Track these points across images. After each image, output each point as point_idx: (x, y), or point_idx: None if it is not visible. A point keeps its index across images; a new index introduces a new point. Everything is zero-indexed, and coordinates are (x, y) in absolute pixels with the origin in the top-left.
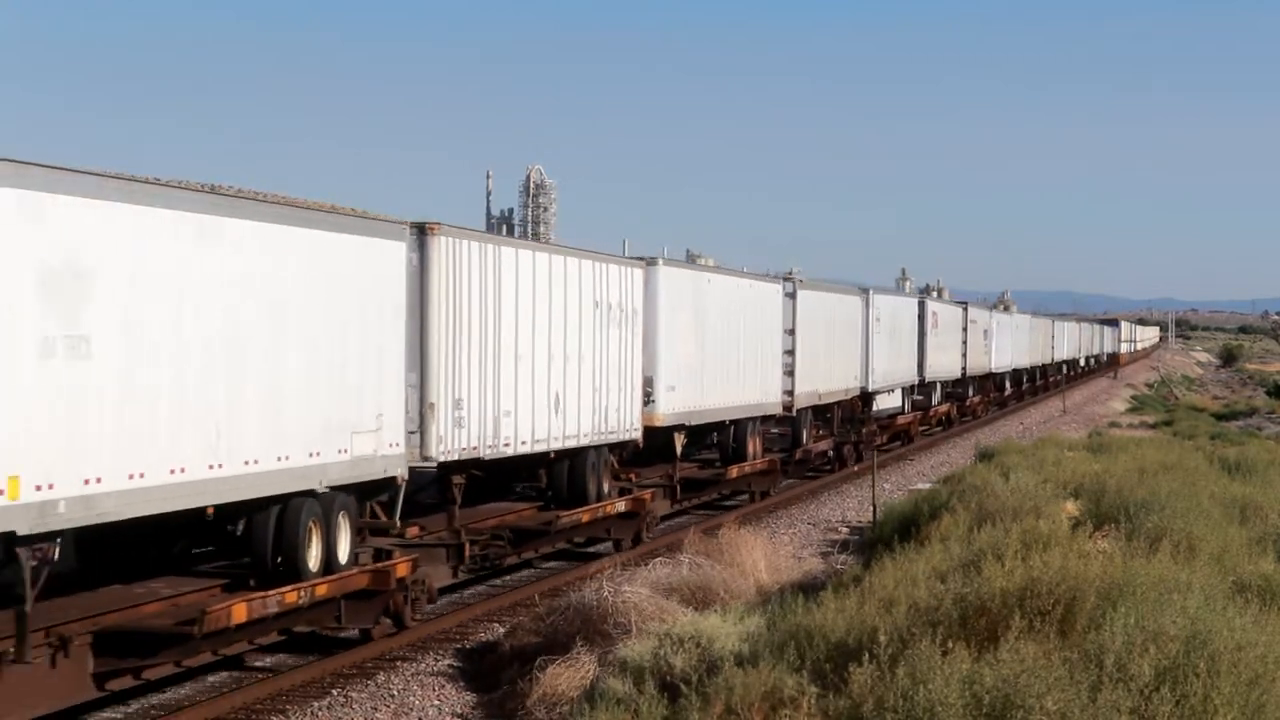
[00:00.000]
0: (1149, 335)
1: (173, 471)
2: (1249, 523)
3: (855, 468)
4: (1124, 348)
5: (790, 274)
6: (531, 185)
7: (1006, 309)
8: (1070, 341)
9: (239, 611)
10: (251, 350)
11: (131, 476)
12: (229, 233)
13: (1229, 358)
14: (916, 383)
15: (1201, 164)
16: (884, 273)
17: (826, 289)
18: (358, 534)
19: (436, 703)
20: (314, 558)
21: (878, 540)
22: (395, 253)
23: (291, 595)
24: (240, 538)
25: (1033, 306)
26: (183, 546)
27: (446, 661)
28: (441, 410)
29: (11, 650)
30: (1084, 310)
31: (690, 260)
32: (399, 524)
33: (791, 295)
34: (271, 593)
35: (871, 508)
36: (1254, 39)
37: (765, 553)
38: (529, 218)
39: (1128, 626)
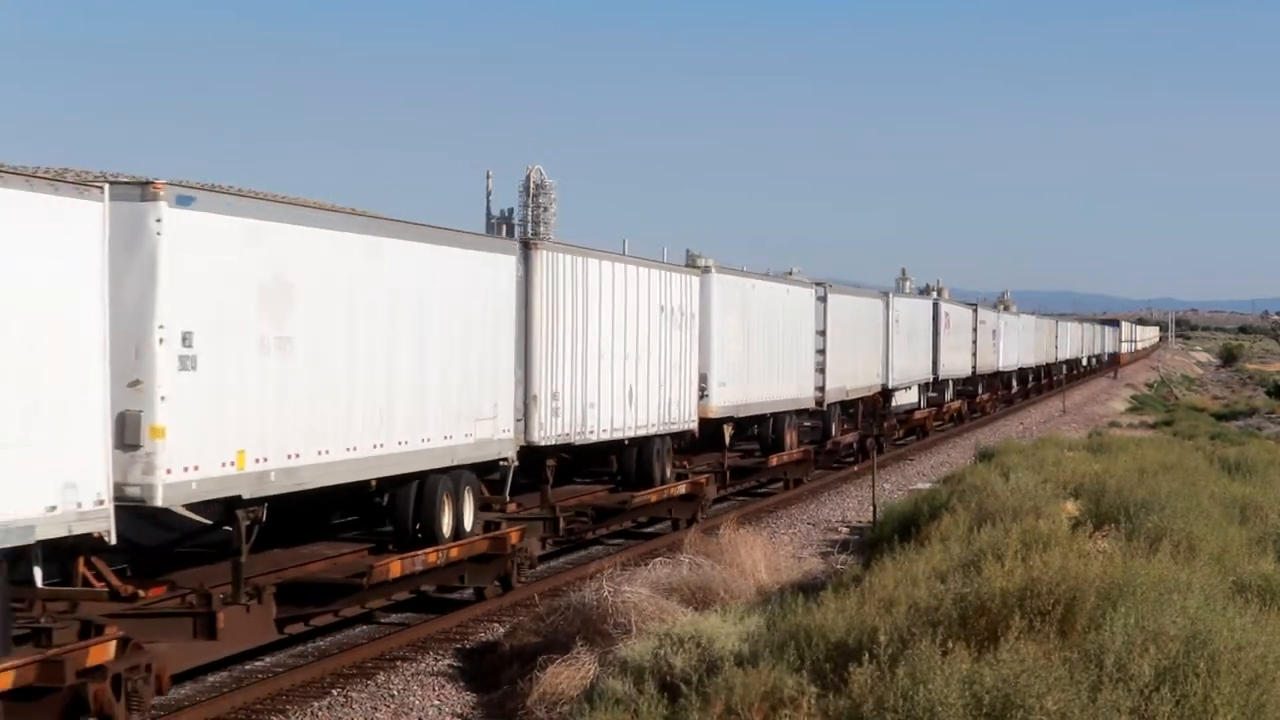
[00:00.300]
0: (1149, 335)
1: (348, 450)
2: (1249, 523)
3: (856, 468)
4: (1125, 347)
5: (790, 273)
6: (531, 185)
7: (1007, 309)
8: (1073, 341)
9: (395, 568)
10: (403, 349)
11: (319, 453)
12: (387, 251)
13: (1229, 358)
14: (931, 380)
15: (1201, 164)
16: (883, 273)
17: (852, 293)
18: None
19: (436, 703)
20: (447, 525)
21: (878, 540)
22: (508, 266)
23: (432, 556)
24: (385, 508)
25: (1032, 306)
26: (333, 516)
27: (446, 661)
28: (542, 401)
29: (225, 595)
30: (1083, 310)
31: (690, 260)
32: (508, 499)
33: (823, 299)
34: (418, 553)
35: (871, 508)
36: (1254, 39)
37: (765, 553)
38: (529, 218)
39: (1128, 626)
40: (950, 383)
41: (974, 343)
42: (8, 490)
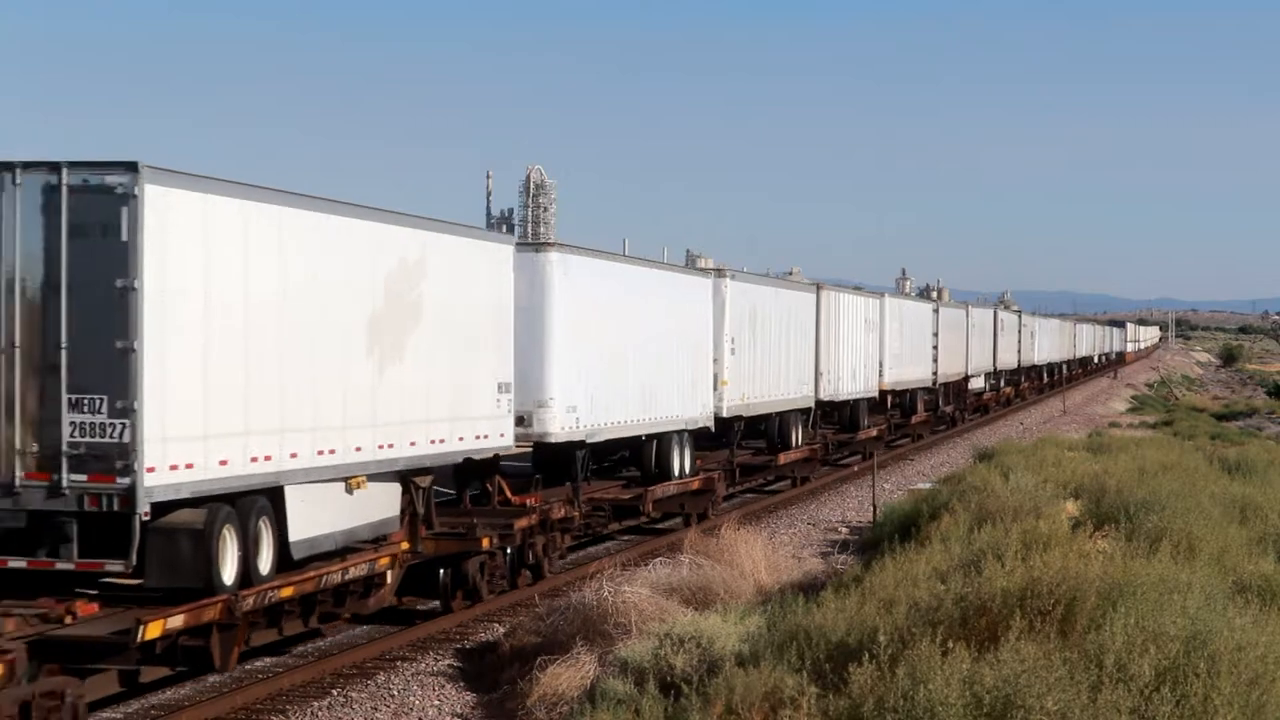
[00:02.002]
0: (1150, 335)
1: (766, 395)
2: (1249, 523)
3: (856, 468)
4: (1130, 346)
5: (790, 274)
6: (531, 185)
7: (1007, 309)
8: (1088, 340)
9: (783, 458)
10: (782, 343)
11: (759, 395)
12: (770, 293)
13: (1229, 358)
14: (991, 370)
15: (1201, 164)
16: (883, 272)
17: (950, 305)
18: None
19: (436, 703)
20: (792, 440)
21: (878, 540)
22: (811, 299)
23: (794, 454)
24: (764, 430)
25: (1033, 307)
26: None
27: (446, 661)
28: (823, 374)
29: (718, 480)
30: (1083, 310)
31: (690, 260)
32: (812, 431)
33: (936, 311)
34: (789, 452)
35: (871, 508)
36: (1254, 39)
37: (765, 553)
38: (529, 218)
39: (1128, 627)
40: (1002, 373)
41: (1018, 342)
42: (691, 406)
